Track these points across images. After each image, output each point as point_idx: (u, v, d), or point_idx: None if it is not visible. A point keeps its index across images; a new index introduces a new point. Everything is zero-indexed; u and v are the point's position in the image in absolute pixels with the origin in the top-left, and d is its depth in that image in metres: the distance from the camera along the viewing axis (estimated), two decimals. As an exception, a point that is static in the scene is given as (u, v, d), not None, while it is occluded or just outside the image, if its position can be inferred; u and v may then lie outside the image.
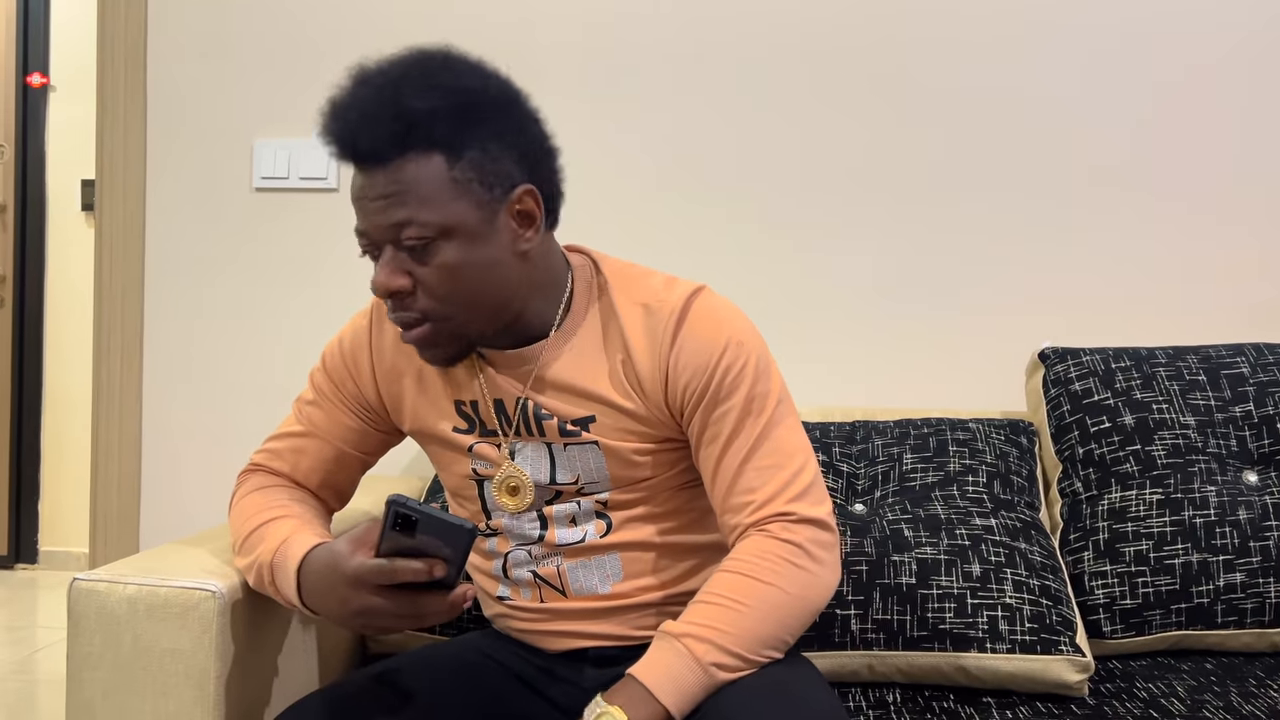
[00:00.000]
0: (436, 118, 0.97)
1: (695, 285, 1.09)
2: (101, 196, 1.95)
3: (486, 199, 1.00)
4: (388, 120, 0.96)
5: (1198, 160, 1.77)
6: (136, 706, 1.07)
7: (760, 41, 1.82)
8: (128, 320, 1.94)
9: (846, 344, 1.82)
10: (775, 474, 1.04)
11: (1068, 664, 1.27)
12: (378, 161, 0.97)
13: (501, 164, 1.00)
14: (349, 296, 1.90)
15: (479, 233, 1.00)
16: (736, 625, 0.97)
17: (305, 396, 1.20)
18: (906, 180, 1.81)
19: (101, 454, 1.94)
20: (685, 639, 0.97)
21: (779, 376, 1.09)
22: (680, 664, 0.95)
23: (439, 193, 0.97)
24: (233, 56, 1.92)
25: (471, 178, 0.99)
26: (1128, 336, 1.76)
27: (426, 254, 0.98)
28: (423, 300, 1.00)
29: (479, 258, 1.00)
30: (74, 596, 1.08)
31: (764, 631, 0.99)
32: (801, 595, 1.01)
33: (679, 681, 0.95)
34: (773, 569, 1.00)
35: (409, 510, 0.91)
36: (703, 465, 1.07)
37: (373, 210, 0.98)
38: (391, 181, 0.97)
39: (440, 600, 0.95)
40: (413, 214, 0.97)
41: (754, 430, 1.05)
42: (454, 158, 0.98)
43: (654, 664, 0.96)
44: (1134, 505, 1.46)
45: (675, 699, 0.94)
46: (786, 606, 1.00)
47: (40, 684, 2.49)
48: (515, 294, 1.04)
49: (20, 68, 3.60)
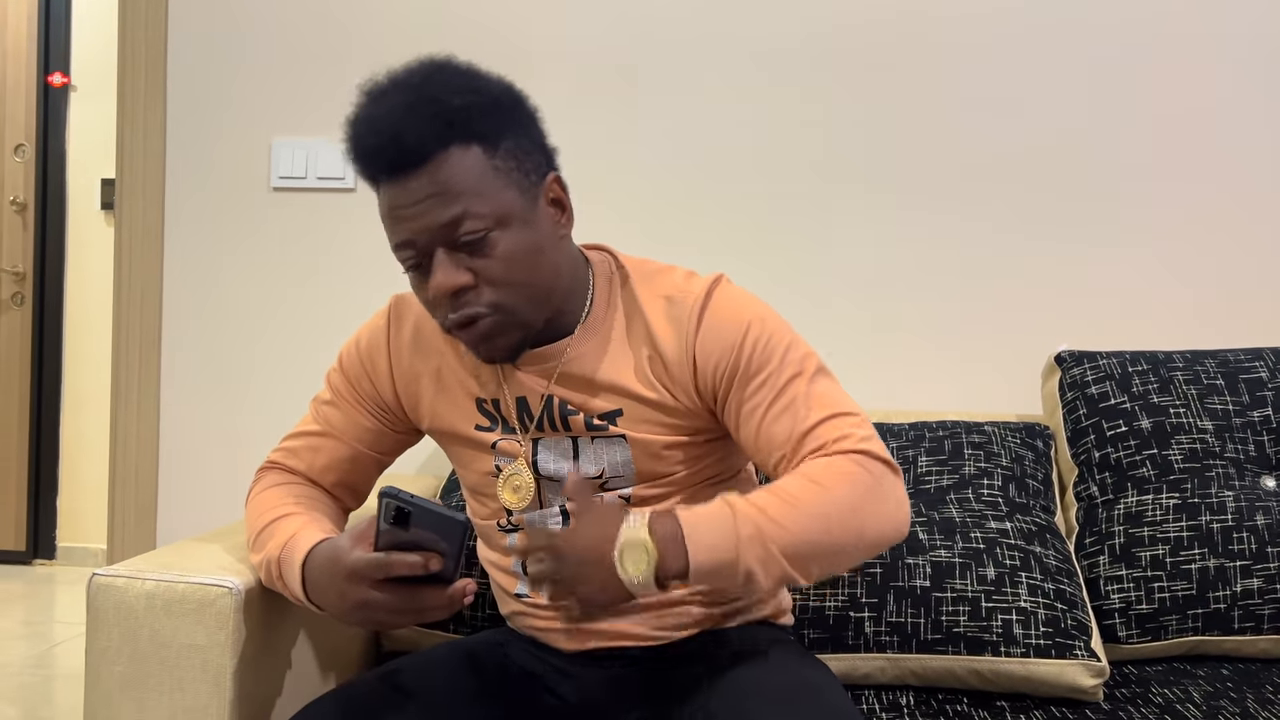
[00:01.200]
0: (472, 112, 0.98)
1: (715, 275, 1.10)
2: (121, 195, 1.96)
3: (526, 185, 1.01)
4: (428, 117, 0.97)
5: (1217, 162, 1.75)
6: (154, 700, 1.08)
7: (772, 38, 1.82)
8: (146, 318, 1.96)
9: (861, 346, 1.81)
10: (840, 420, 1.02)
11: (1083, 668, 1.27)
12: (420, 161, 0.97)
13: (532, 154, 1.03)
14: (366, 296, 1.91)
15: (527, 219, 1.01)
16: (792, 522, 0.94)
17: (322, 396, 1.21)
18: (922, 182, 1.80)
19: (119, 450, 1.96)
20: (738, 514, 0.94)
21: (810, 347, 1.08)
22: (724, 532, 0.93)
23: (486, 183, 0.98)
24: (251, 56, 1.93)
25: (511, 166, 1.00)
26: (1145, 340, 1.75)
27: (484, 246, 0.99)
28: (487, 293, 1.00)
29: (532, 243, 1.01)
30: (93, 592, 1.09)
31: (815, 539, 0.95)
32: (860, 520, 0.97)
33: (715, 546, 0.92)
34: (837, 482, 0.97)
35: (401, 502, 0.92)
36: (749, 438, 1.05)
37: (419, 214, 0.98)
38: (433, 182, 0.97)
39: (439, 594, 0.95)
40: (467, 207, 0.97)
41: (799, 387, 1.03)
42: (492, 148, 0.99)
43: (699, 519, 0.94)
44: (1150, 510, 1.45)
45: (702, 557, 0.92)
46: (839, 518, 0.96)
47: (58, 678, 2.51)
48: (562, 279, 1.06)
49: (41, 67, 3.63)
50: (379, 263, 1.91)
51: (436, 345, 1.15)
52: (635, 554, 0.91)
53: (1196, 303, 1.76)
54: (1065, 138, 1.78)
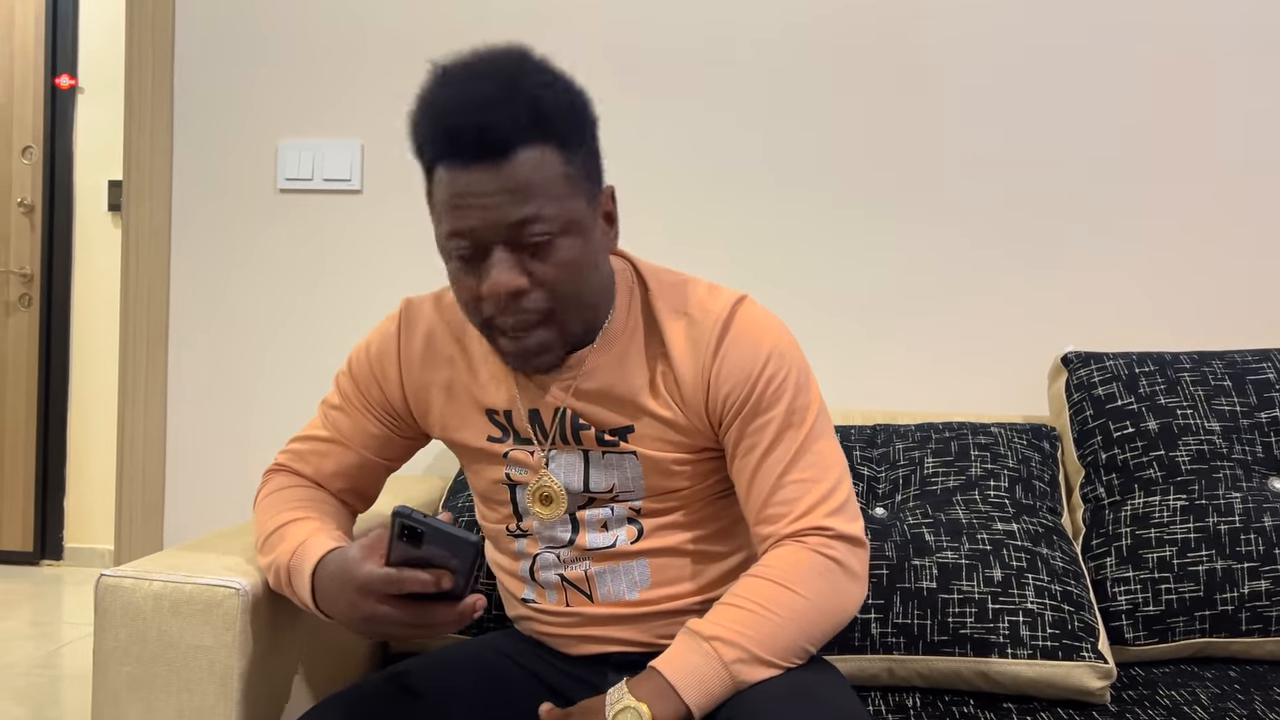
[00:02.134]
0: (559, 112, 0.96)
1: (738, 295, 1.08)
2: (128, 197, 1.97)
3: (592, 195, 1.00)
4: (519, 109, 0.93)
5: (1225, 162, 1.75)
6: (161, 701, 1.08)
7: (786, 45, 1.82)
8: (153, 319, 1.96)
9: (867, 346, 1.81)
10: (813, 487, 1.04)
11: (1089, 670, 1.26)
12: (502, 152, 0.93)
13: (597, 163, 1.02)
14: (373, 297, 1.92)
15: (589, 229, 1.00)
16: (764, 632, 0.97)
17: (331, 400, 1.21)
18: (930, 182, 1.80)
19: (127, 451, 1.96)
20: (713, 641, 0.97)
21: (818, 390, 1.09)
22: (706, 665, 0.95)
23: (560, 187, 0.96)
24: (258, 58, 1.94)
25: (581, 175, 0.99)
26: (1152, 341, 1.74)
27: (547, 251, 0.96)
28: (542, 299, 0.98)
29: (590, 254, 1.00)
30: (100, 592, 1.10)
31: (791, 640, 0.98)
32: (831, 609, 1.01)
33: (704, 682, 0.95)
34: (806, 581, 1.00)
35: (414, 523, 0.91)
36: (738, 474, 1.07)
37: (488, 207, 0.94)
38: (509, 177, 0.94)
39: (449, 610, 0.95)
40: (539, 209, 0.95)
41: (794, 442, 1.04)
42: (571, 153, 0.97)
43: (679, 661, 0.96)
44: (1157, 511, 1.45)
45: (698, 698, 0.94)
46: (815, 618, 1.00)
47: (65, 678, 2.51)
48: (604, 292, 1.05)
49: (49, 69, 3.65)
50: (386, 264, 1.91)
51: (447, 354, 1.14)
52: (627, 719, 0.93)
53: (1203, 304, 1.76)
54: (1071, 140, 1.77)
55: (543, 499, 1.11)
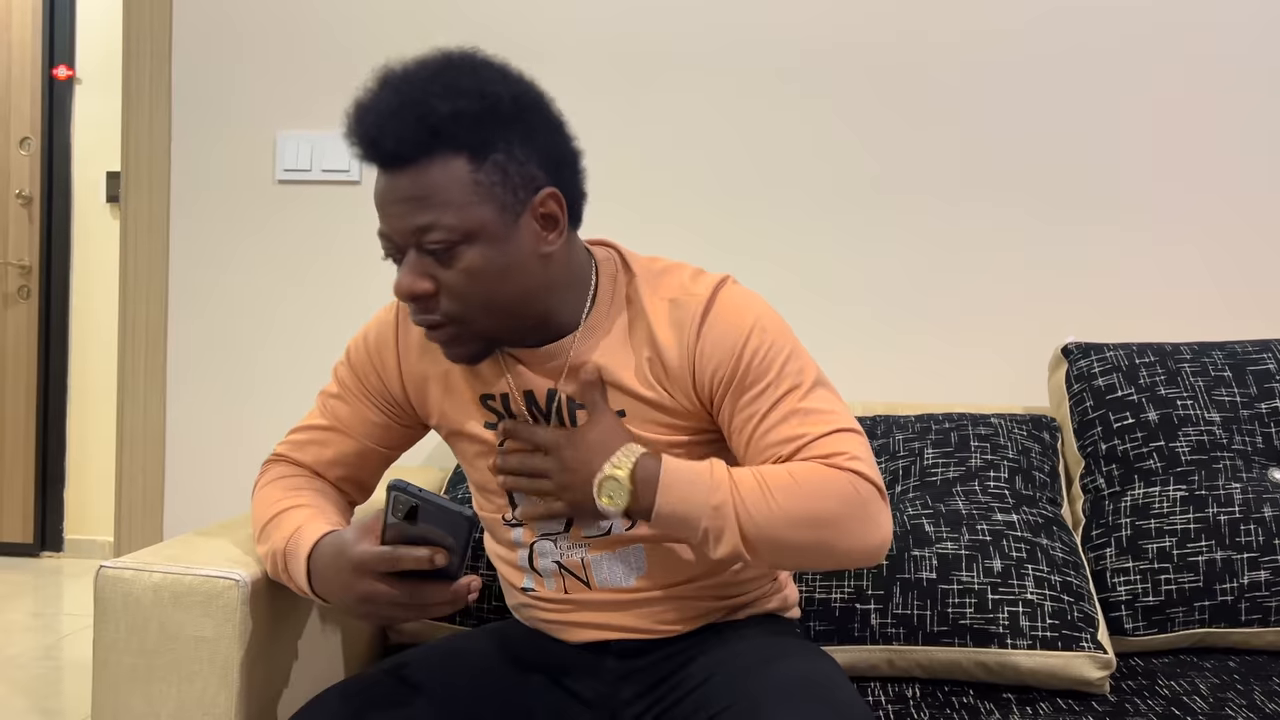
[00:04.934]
0: (461, 121, 0.97)
1: (721, 276, 1.09)
2: (126, 188, 1.96)
3: (510, 202, 0.99)
4: (412, 122, 0.96)
5: (1225, 155, 1.75)
6: (161, 692, 1.08)
7: (785, 41, 1.82)
8: (152, 311, 1.96)
9: (867, 338, 1.81)
10: (838, 437, 1.02)
11: (1089, 661, 1.26)
12: (401, 163, 0.97)
13: (526, 167, 1.00)
14: (371, 288, 1.91)
15: (501, 236, 0.99)
16: (759, 511, 0.97)
17: (329, 390, 1.21)
18: (929, 176, 1.80)
19: (126, 443, 1.96)
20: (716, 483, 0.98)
21: (810, 357, 1.08)
22: (697, 495, 0.98)
23: (462, 196, 0.97)
24: (256, 49, 1.93)
25: (495, 181, 0.98)
26: (1152, 332, 1.74)
27: (449, 258, 0.99)
28: (445, 303, 1.01)
29: (501, 262, 1.00)
30: (100, 584, 1.10)
31: (776, 535, 0.98)
32: (834, 529, 0.99)
33: (683, 503, 0.98)
34: (822, 489, 0.98)
35: (410, 495, 0.92)
36: (743, 443, 1.05)
37: (395, 214, 0.98)
38: (414, 185, 0.97)
39: (443, 590, 0.95)
40: (436, 218, 0.97)
41: (795, 401, 1.03)
42: (478, 161, 0.98)
43: (679, 474, 0.99)
44: (1157, 502, 1.45)
45: (666, 510, 0.99)
46: (812, 526, 0.98)
47: (66, 669, 2.52)
48: (536, 296, 1.04)
49: (46, 60, 3.63)
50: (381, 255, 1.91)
51: None
52: (613, 488, 0.99)
53: (1204, 295, 1.76)
54: (1071, 131, 1.77)
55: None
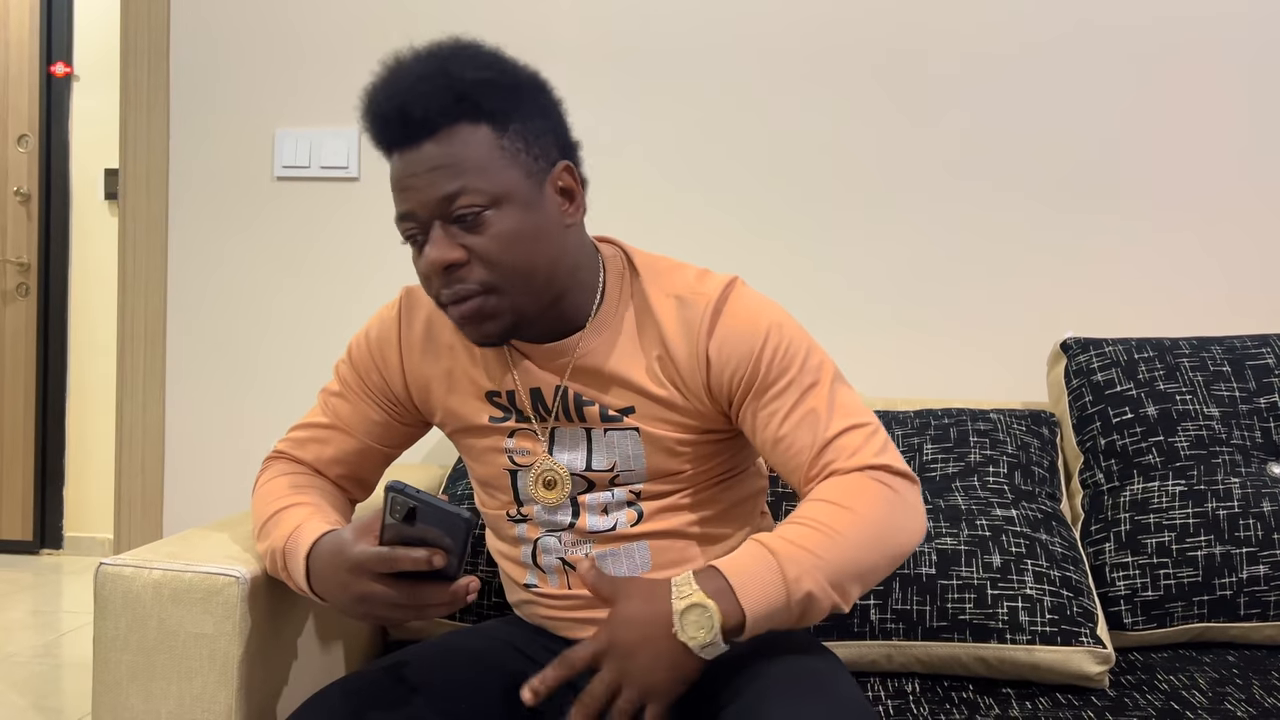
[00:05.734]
0: (484, 89, 0.99)
1: (729, 277, 1.09)
2: (125, 185, 1.96)
3: (534, 169, 1.01)
4: (440, 88, 0.97)
5: (1224, 150, 1.75)
6: (161, 689, 1.08)
7: (782, 32, 1.81)
8: (151, 308, 1.96)
9: (866, 334, 1.81)
10: (858, 432, 1.03)
11: (1088, 655, 1.27)
12: (427, 132, 0.98)
13: (543, 139, 1.02)
14: (371, 285, 1.91)
15: (529, 201, 1.01)
16: (826, 551, 0.94)
17: (330, 388, 1.21)
18: (928, 171, 1.80)
19: (125, 441, 1.96)
20: (779, 556, 0.93)
21: (826, 353, 1.09)
22: (770, 578, 0.92)
23: (490, 161, 0.98)
24: (254, 46, 1.93)
25: (519, 148, 1.00)
26: (1151, 327, 1.74)
27: (479, 224, 0.99)
28: (479, 271, 1.00)
29: (531, 226, 1.00)
30: (100, 581, 1.10)
31: (853, 561, 0.96)
32: (893, 536, 0.99)
33: (764, 588, 0.92)
34: (869, 504, 0.98)
35: (408, 497, 0.91)
36: (769, 444, 1.05)
37: (422, 184, 0.98)
38: (442, 153, 0.98)
39: (441, 591, 0.95)
40: (466, 183, 0.97)
41: (818, 396, 1.04)
42: (501, 128, 0.99)
43: (743, 569, 0.93)
44: (1156, 497, 1.45)
45: (756, 605, 0.91)
46: (877, 542, 0.97)
47: (65, 667, 2.52)
48: (562, 268, 1.04)
49: (44, 57, 3.63)
50: (383, 252, 1.91)
51: (447, 342, 1.14)
52: (697, 616, 0.90)
53: (1203, 290, 1.76)
54: (1070, 126, 1.77)
55: (546, 484, 1.11)
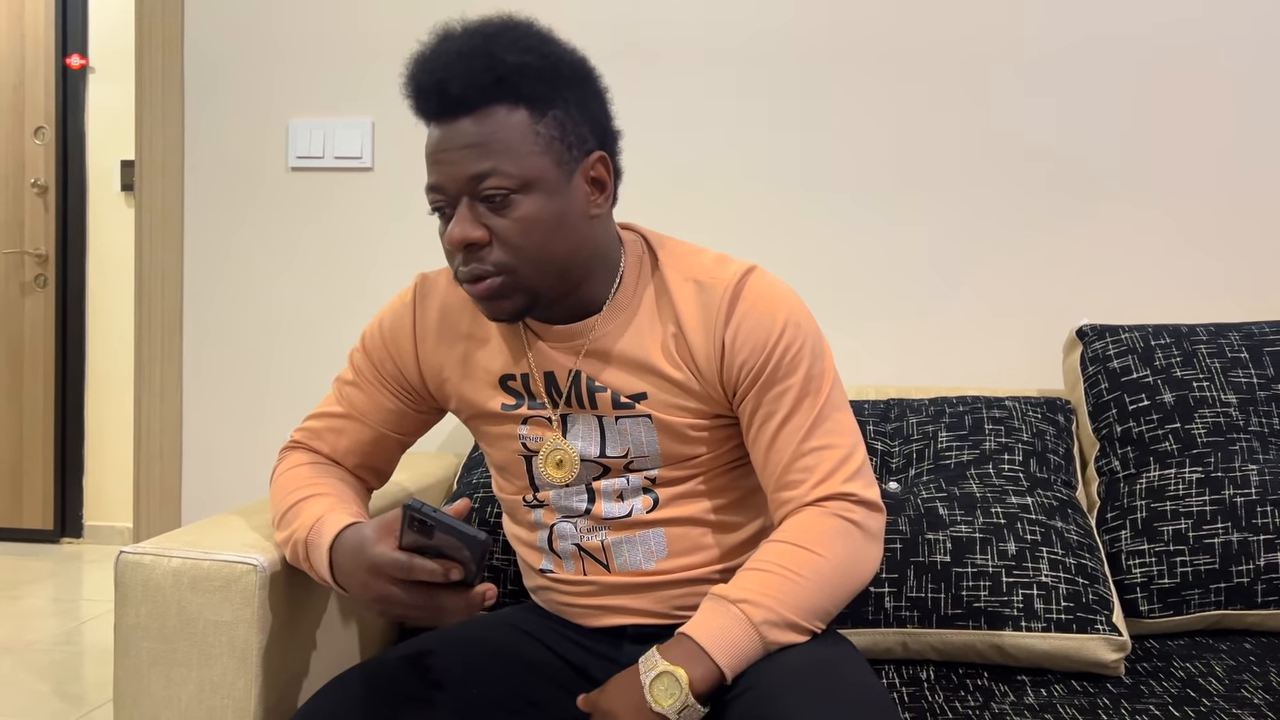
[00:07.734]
0: (525, 74, 0.99)
1: (748, 264, 1.10)
2: (141, 177, 1.97)
3: (566, 158, 1.02)
4: (480, 69, 0.98)
5: (1239, 135, 1.73)
6: (181, 675, 1.09)
7: (800, 25, 1.81)
8: (168, 298, 1.97)
9: (881, 321, 1.81)
10: (832, 454, 1.05)
11: (1104, 643, 1.26)
12: (465, 109, 0.99)
13: (580, 128, 1.03)
14: (385, 274, 1.92)
15: (556, 189, 1.01)
16: (789, 593, 0.98)
17: (345, 377, 1.21)
18: (943, 158, 1.79)
19: (144, 430, 1.98)
20: (740, 604, 0.97)
21: (832, 359, 1.10)
22: (735, 627, 0.96)
23: (523, 145, 0.99)
24: (268, 37, 1.93)
25: (554, 135, 1.01)
26: (1168, 313, 1.73)
27: (504, 206, 1.00)
28: (497, 253, 1.01)
29: (554, 213, 1.01)
30: (121, 569, 1.11)
31: (815, 601, 1.00)
32: (853, 570, 1.03)
33: (735, 643, 0.96)
34: (827, 543, 1.01)
35: (424, 517, 0.92)
36: (755, 443, 1.08)
37: (454, 160, 0.99)
38: (476, 132, 0.99)
39: (459, 598, 0.96)
40: (496, 164, 0.98)
41: (811, 410, 1.06)
42: (538, 114, 1.00)
43: (708, 625, 0.97)
44: (1173, 484, 1.44)
45: (730, 659, 0.95)
46: (837, 579, 1.01)
47: (86, 654, 2.55)
48: (582, 256, 1.05)
49: (60, 50, 3.65)
50: (398, 241, 1.91)
51: (463, 329, 1.15)
52: (666, 684, 0.94)
53: (1220, 276, 1.74)
54: (1084, 113, 1.75)
55: (556, 463, 1.12)
